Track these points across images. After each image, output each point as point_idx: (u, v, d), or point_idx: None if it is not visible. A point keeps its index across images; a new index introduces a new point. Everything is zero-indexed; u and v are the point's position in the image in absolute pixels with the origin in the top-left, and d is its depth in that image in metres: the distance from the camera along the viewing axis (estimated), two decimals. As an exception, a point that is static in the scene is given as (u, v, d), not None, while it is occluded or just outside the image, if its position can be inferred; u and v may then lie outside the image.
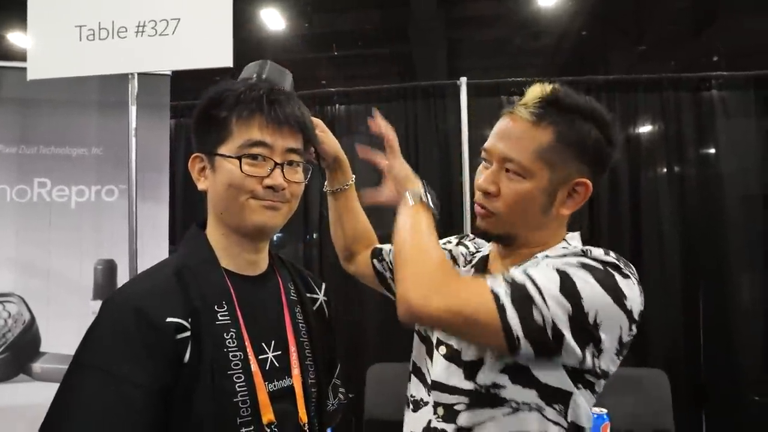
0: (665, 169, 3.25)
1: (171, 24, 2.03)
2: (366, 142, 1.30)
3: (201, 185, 1.00)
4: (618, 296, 0.86)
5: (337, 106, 3.39)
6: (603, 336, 0.85)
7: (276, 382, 0.96)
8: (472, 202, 3.46)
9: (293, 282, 1.10)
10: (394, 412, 2.82)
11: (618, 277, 0.87)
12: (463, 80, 3.13)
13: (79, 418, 0.81)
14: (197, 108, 1.00)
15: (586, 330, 0.84)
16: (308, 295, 1.13)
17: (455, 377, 0.98)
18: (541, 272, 0.87)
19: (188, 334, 0.88)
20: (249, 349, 0.93)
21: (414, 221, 1.00)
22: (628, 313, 0.87)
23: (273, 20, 5.94)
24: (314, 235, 3.44)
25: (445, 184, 3.30)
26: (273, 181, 0.95)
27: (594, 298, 0.84)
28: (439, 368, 1.03)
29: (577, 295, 0.84)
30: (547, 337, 0.83)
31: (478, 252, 1.14)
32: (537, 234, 1.01)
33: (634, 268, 0.92)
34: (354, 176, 1.35)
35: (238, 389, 0.89)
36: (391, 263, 1.29)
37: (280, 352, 0.99)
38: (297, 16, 5.99)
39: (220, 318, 0.92)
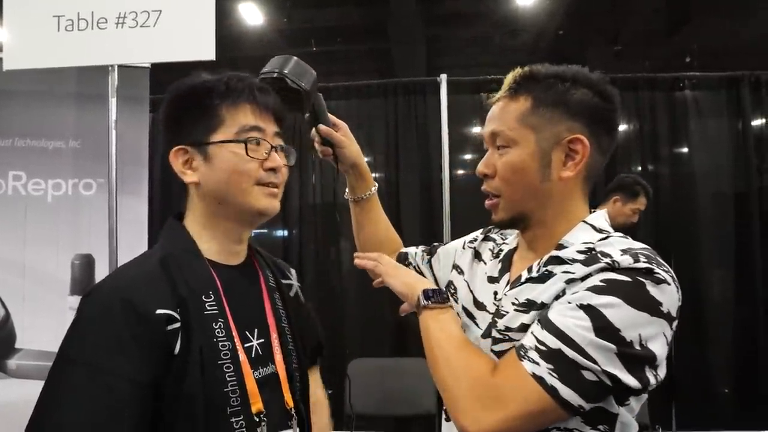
0: (640, 167, 3.32)
1: (152, 15, 2.01)
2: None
3: (189, 178, 0.98)
4: (653, 307, 0.81)
5: (317, 101, 3.38)
6: (654, 350, 0.81)
7: (261, 369, 0.96)
8: (452, 198, 3.44)
9: (270, 270, 1.11)
10: (376, 406, 2.85)
11: (649, 284, 0.82)
12: (443, 77, 3.15)
13: (67, 413, 0.80)
14: (174, 100, 0.99)
15: (637, 357, 0.80)
16: (284, 281, 1.14)
17: None
18: (567, 318, 0.82)
19: (178, 325, 0.87)
20: (236, 338, 0.93)
21: (431, 332, 0.94)
22: (667, 317, 0.83)
23: (251, 15, 5.89)
24: (294, 231, 3.44)
25: (425, 180, 3.32)
26: (274, 163, 0.97)
27: (630, 322, 0.80)
28: None
29: (614, 329, 0.79)
30: (605, 386, 0.80)
31: (504, 243, 1.11)
32: (548, 208, 0.96)
33: (666, 265, 0.86)
34: (376, 185, 1.32)
35: (228, 379, 0.89)
36: (417, 267, 1.27)
37: (263, 340, 1.00)
38: (275, 11, 5.96)
39: (207, 308, 0.91)
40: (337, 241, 3.40)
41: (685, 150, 3.31)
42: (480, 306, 1.03)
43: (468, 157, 3.50)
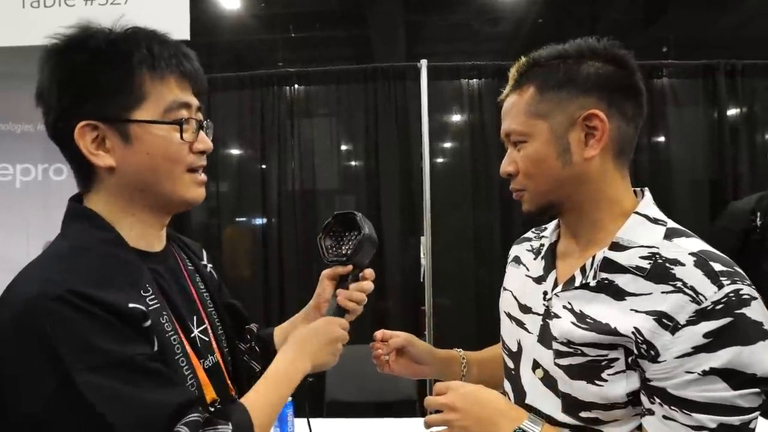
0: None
1: (124, -7, 1.94)
2: (325, 123, 1.24)
3: (103, 161, 0.82)
4: (760, 332, 0.76)
5: (296, 86, 3.33)
6: None
7: (209, 358, 0.91)
8: (432, 186, 3.42)
9: (184, 252, 1.03)
10: (355, 393, 2.84)
11: (746, 311, 0.76)
12: (424, 62, 3.11)
13: (118, 419, 0.70)
14: (74, 60, 0.81)
15: None
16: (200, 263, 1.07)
17: (552, 407, 0.91)
18: (702, 390, 0.77)
19: (150, 322, 0.78)
20: (180, 331, 0.85)
21: None
22: None
23: (227, -1, 5.77)
24: (273, 219, 3.38)
25: (405, 167, 3.29)
26: (205, 145, 0.87)
27: (756, 360, 0.75)
28: (533, 392, 0.95)
29: (748, 376, 0.75)
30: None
31: (542, 237, 1.07)
32: (580, 192, 0.91)
33: (741, 272, 0.81)
34: (464, 359, 1.23)
35: (186, 374, 0.83)
36: None
37: (202, 327, 0.93)
38: (253, -6, 5.85)
39: (149, 303, 0.81)
40: (317, 229, 3.33)
41: (662, 138, 3.33)
42: (526, 309, 0.99)
43: (448, 145, 3.48)
